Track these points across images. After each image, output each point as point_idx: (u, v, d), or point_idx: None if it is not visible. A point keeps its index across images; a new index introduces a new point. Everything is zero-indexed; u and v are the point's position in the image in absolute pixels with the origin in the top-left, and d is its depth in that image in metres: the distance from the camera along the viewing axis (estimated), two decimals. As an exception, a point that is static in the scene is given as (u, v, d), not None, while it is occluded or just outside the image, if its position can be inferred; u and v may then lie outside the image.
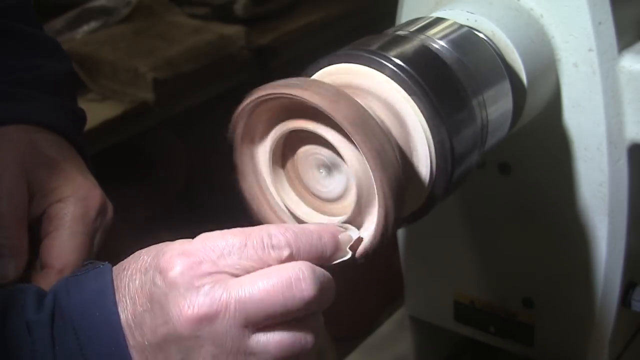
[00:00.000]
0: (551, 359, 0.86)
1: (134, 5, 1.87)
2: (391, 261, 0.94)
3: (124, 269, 0.53)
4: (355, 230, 0.54)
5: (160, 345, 0.50)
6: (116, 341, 0.51)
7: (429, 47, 0.61)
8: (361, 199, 0.54)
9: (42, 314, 0.52)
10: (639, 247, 0.78)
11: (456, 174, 0.59)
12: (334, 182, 0.57)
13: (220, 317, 0.49)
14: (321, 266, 0.52)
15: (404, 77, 0.56)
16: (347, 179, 0.56)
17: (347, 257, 0.53)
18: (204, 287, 0.49)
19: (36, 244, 0.69)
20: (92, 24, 1.82)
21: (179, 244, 0.52)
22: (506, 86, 0.66)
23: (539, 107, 0.72)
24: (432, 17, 0.68)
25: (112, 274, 0.53)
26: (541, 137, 0.75)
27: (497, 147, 0.68)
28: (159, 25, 1.85)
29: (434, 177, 0.58)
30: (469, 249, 0.86)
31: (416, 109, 0.56)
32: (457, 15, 0.68)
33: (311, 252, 0.51)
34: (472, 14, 0.68)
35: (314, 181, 0.58)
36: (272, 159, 0.57)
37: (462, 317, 0.90)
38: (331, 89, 0.53)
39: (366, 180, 0.53)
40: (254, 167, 0.58)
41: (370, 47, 0.58)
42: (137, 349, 0.51)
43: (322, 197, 0.58)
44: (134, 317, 0.51)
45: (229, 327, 0.49)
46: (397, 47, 0.59)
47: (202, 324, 0.49)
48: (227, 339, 0.49)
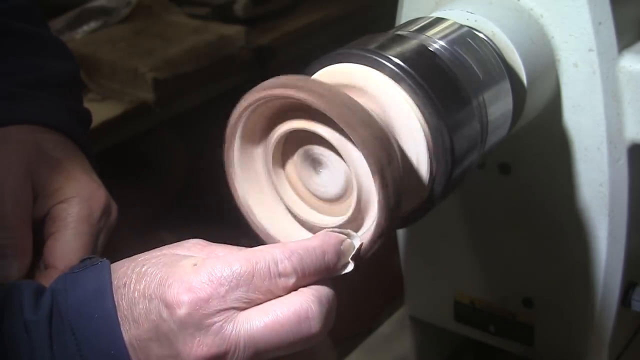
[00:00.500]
0: (551, 359, 0.86)
1: (133, 5, 1.87)
2: (391, 261, 0.94)
3: (124, 285, 0.52)
4: (356, 236, 0.54)
5: None
6: (115, 343, 0.50)
7: (428, 47, 0.61)
8: (361, 199, 0.54)
9: (40, 313, 0.51)
10: (639, 247, 0.78)
11: (456, 174, 0.58)
12: (334, 182, 0.57)
13: (230, 354, 0.49)
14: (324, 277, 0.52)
15: (404, 77, 0.56)
16: (347, 179, 0.56)
17: (349, 270, 0.53)
18: (214, 326, 0.49)
19: (40, 244, 0.69)
20: (92, 24, 1.82)
21: (184, 273, 0.51)
22: (506, 86, 0.66)
23: (539, 107, 0.72)
24: (432, 17, 0.68)
25: (110, 273, 0.52)
26: (541, 137, 0.75)
27: (497, 147, 0.68)
28: (159, 25, 1.85)
29: (433, 177, 0.58)
30: (469, 249, 0.86)
31: (416, 108, 0.56)
32: (457, 15, 0.68)
33: (317, 273, 0.52)
34: (472, 14, 0.68)
35: (314, 181, 0.58)
36: (273, 159, 0.57)
37: (462, 317, 0.90)
38: (329, 88, 0.53)
39: (366, 180, 0.53)
40: (253, 167, 0.58)
41: (369, 46, 0.58)
42: None
43: (322, 197, 0.58)
44: (138, 341, 0.51)
45: None
46: (397, 47, 0.59)
47: None
48: None
